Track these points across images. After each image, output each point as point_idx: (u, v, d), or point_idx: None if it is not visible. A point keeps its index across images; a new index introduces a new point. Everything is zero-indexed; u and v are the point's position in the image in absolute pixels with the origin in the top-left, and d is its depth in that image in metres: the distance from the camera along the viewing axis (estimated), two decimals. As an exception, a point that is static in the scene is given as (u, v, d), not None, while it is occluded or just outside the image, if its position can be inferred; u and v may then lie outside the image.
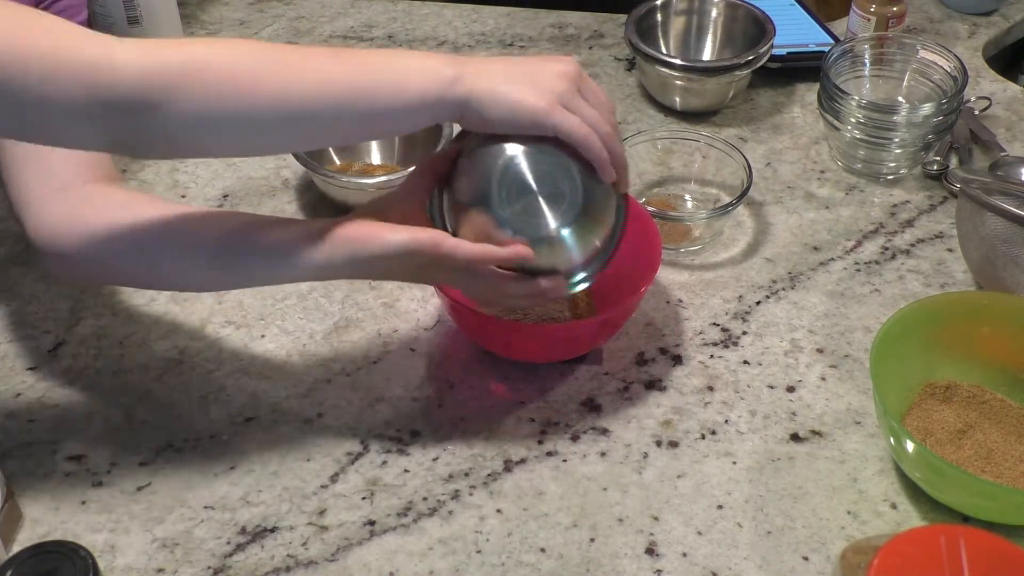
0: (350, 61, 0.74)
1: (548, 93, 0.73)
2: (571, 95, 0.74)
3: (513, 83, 0.73)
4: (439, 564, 0.78)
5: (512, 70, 0.74)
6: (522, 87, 0.73)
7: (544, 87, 0.73)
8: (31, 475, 0.83)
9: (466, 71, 0.73)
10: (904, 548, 0.66)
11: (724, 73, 1.14)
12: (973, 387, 0.86)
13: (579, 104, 0.74)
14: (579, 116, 0.74)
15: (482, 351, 0.92)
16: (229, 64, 0.71)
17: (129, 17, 1.11)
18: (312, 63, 0.73)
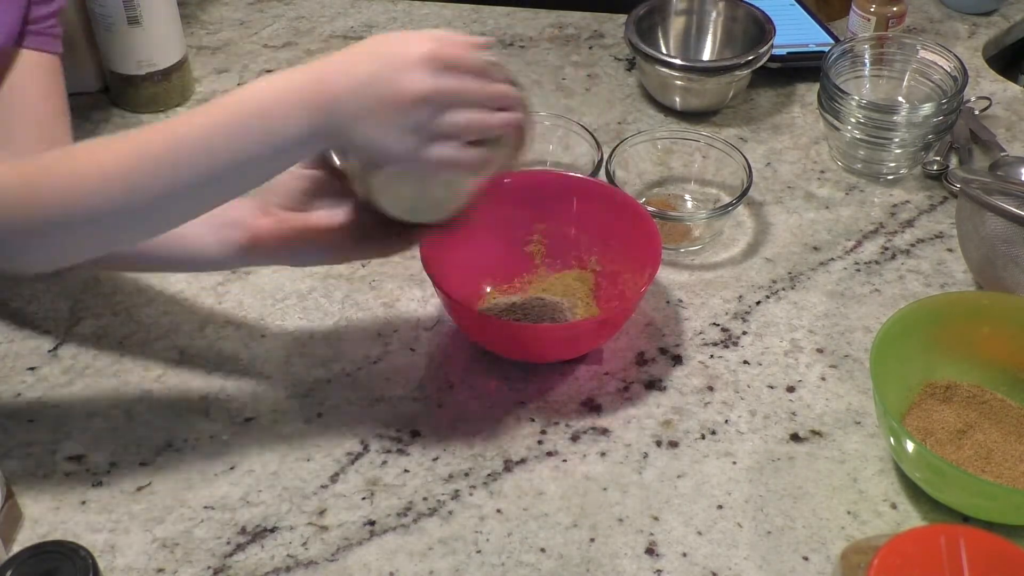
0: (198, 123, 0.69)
1: (409, 135, 0.68)
2: (434, 119, 0.68)
3: (374, 123, 0.68)
4: (439, 564, 0.78)
5: (368, 98, 0.67)
6: (383, 129, 0.68)
7: (404, 124, 0.67)
8: (31, 475, 0.83)
9: (325, 105, 0.67)
10: (904, 548, 0.66)
11: (724, 73, 1.14)
12: (973, 387, 0.86)
13: (448, 121, 0.68)
14: (453, 130, 0.68)
15: (482, 351, 0.92)
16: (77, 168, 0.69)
17: (129, 17, 1.11)
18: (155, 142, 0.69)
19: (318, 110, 0.68)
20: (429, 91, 0.67)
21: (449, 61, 0.68)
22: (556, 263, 0.98)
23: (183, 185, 0.69)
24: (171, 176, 0.68)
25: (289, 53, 1.27)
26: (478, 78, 0.70)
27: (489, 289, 0.96)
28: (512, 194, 0.96)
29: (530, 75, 1.24)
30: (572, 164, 1.08)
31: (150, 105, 1.18)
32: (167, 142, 0.68)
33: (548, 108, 1.18)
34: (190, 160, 0.68)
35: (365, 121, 0.68)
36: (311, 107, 0.68)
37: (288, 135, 0.68)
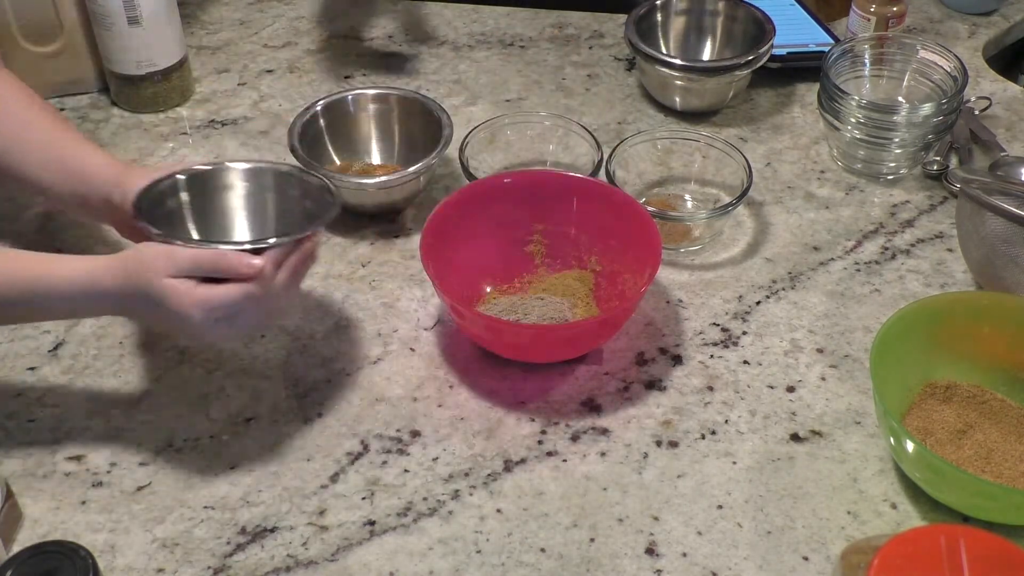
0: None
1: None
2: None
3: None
4: (439, 564, 0.78)
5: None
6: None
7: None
8: (31, 475, 0.83)
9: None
10: (904, 548, 0.66)
11: (724, 73, 1.14)
12: (973, 387, 0.86)
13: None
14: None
15: (482, 351, 0.92)
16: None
17: (129, 17, 1.11)
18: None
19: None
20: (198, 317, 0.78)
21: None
22: (556, 263, 0.98)
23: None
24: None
25: (289, 53, 1.27)
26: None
27: (489, 289, 0.96)
28: (512, 194, 0.96)
29: (530, 75, 1.24)
30: (572, 164, 1.08)
31: (150, 105, 1.18)
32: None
33: (548, 108, 1.18)
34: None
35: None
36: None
37: (92, 311, 0.85)
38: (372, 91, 1.10)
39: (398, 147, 1.10)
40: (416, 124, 1.08)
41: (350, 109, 1.09)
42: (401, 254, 1.02)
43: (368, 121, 1.09)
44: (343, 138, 1.09)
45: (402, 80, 1.23)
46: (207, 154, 1.13)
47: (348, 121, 1.09)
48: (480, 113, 1.17)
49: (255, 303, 0.78)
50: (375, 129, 1.10)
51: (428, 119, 1.06)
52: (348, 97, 1.09)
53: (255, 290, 0.77)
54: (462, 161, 1.04)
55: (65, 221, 1.05)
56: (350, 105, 1.09)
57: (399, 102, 1.09)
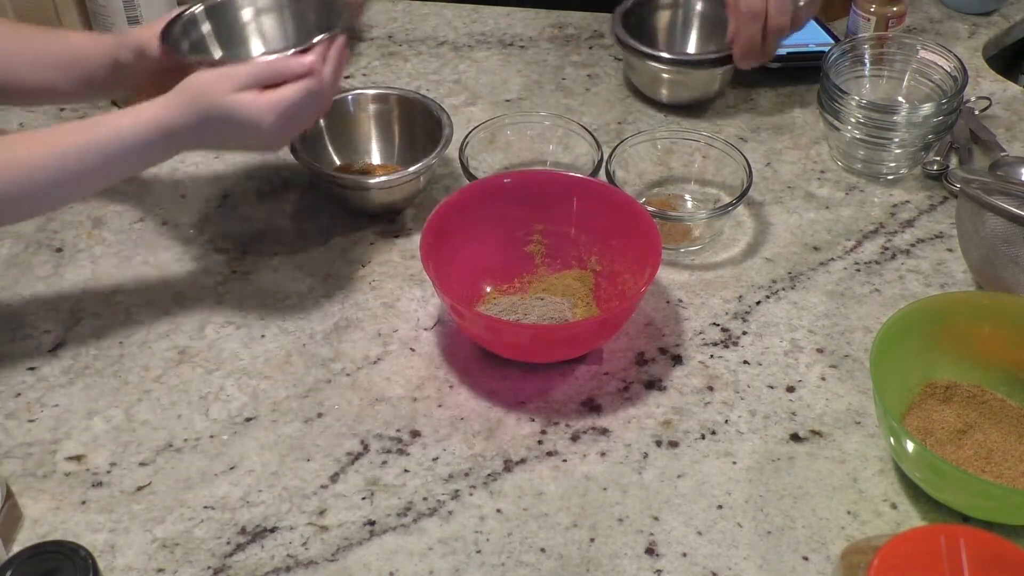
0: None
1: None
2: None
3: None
4: (439, 564, 0.78)
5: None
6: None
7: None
8: (31, 475, 0.83)
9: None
10: (904, 548, 0.66)
11: (709, 66, 1.14)
12: (973, 387, 0.86)
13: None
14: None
15: (482, 351, 0.92)
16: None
17: (129, 17, 1.11)
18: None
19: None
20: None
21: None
22: (556, 263, 0.98)
23: (88, 187, 0.89)
24: (39, 199, 0.85)
25: (289, 53, 1.27)
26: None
27: (489, 289, 0.96)
28: (512, 194, 0.96)
29: (530, 75, 1.24)
30: (572, 164, 1.08)
31: None
32: (45, 167, 0.82)
33: (548, 108, 1.18)
34: (62, 187, 0.85)
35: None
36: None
37: (156, 159, 0.89)
38: (372, 91, 1.10)
39: (398, 147, 1.10)
40: (416, 124, 1.08)
41: (350, 109, 1.09)
42: (401, 254, 1.02)
43: (368, 121, 1.09)
44: (343, 138, 1.09)
45: (402, 80, 1.23)
46: (207, 154, 1.13)
47: (348, 121, 1.09)
48: (480, 113, 1.17)
49: (313, 97, 0.86)
50: (375, 129, 1.10)
51: (428, 119, 1.06)
52: (348, 97, 1.09)
53: (313, 84, 0.85)
54: (462, 161, 1.04)
55: (65, 221, 1.05)
56: (350, 105, 1.09)
57: (399, 102, 1.09)
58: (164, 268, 1.00)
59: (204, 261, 1.01)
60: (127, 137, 0.83)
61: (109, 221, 1.05)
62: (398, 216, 1.06)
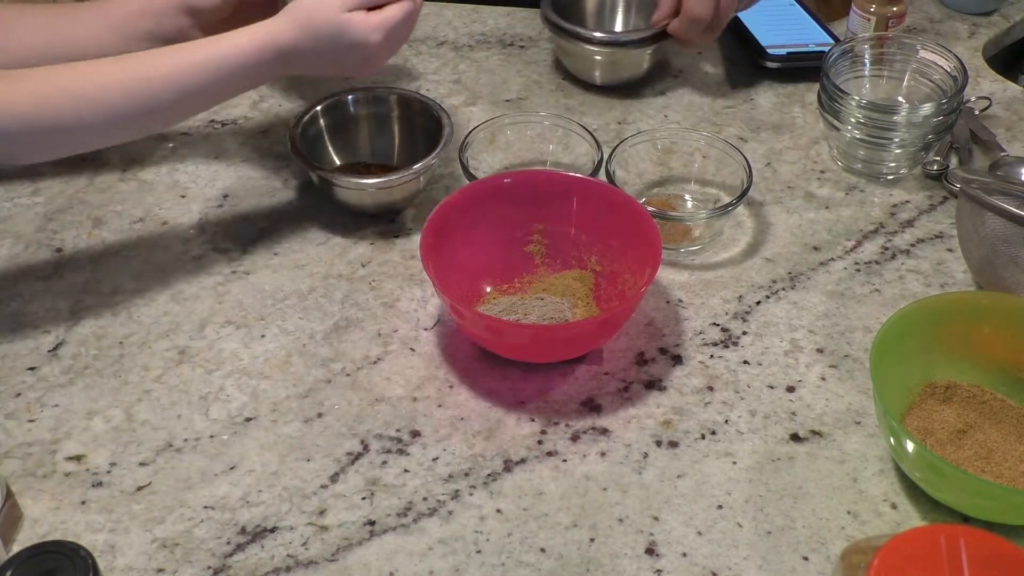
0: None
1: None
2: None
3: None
4: (439, 564, 0.78)
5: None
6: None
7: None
8: (31, 475, 0.83)
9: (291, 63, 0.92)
10: (904, 548, 0.66)
11: (650, 43, 1.15)
12: (973, 387, 0.86)
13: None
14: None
15: (482, 351, 0.92)
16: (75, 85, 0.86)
17: None
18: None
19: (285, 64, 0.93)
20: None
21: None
22: (556, 263, 0.98)
23: (173, 115, 0.93)
24: (163, 114, 0.91)
25: (289, 53, 1.27)
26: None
27: (489, 289, 0.96)
28: (512, 194, 0.96)
29: (530, 75, 1.24)
30: (572, 164, 1.08)
31: None
32: (167, 83, 0.88)
33: (548, 108, 1.18)
34: (183, 102, 0.90)
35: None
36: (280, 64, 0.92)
37: (262, 80, 0.94)
38: (372, 91, 1.10)
39: (398, 147, 1.10)
40: (415, 124, 1.08)
41: (350, 110, 1.09)
42: (401, 254, 1.02)
43: (368, 121, 1.09)
44: (343, 139, 1.09)
45: (402, 80, 1.23)
46: (207, 154, 1.13)
47: (348, 122, 1.09)
48: (480, 113, 1.17)
49: (412, 16, 0.93)
50: (375, 129, 1.10)
51: (428, 119, 1.06)
52: (348, 98, 1.08)
53: (414, 4, 0.93)
54: (462, 161, 1.04)
55: (65, 221, 1.05)
56: (350, 106, 1.09)
57: (399, 102, 1.09)
58: (164, 268, 1.00)
59: (204, 261, 1.01)
60: (247, 55, 0.88)
61: (109, 221, 1.05)
62: (398, 216, 1.06)
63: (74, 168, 1.10)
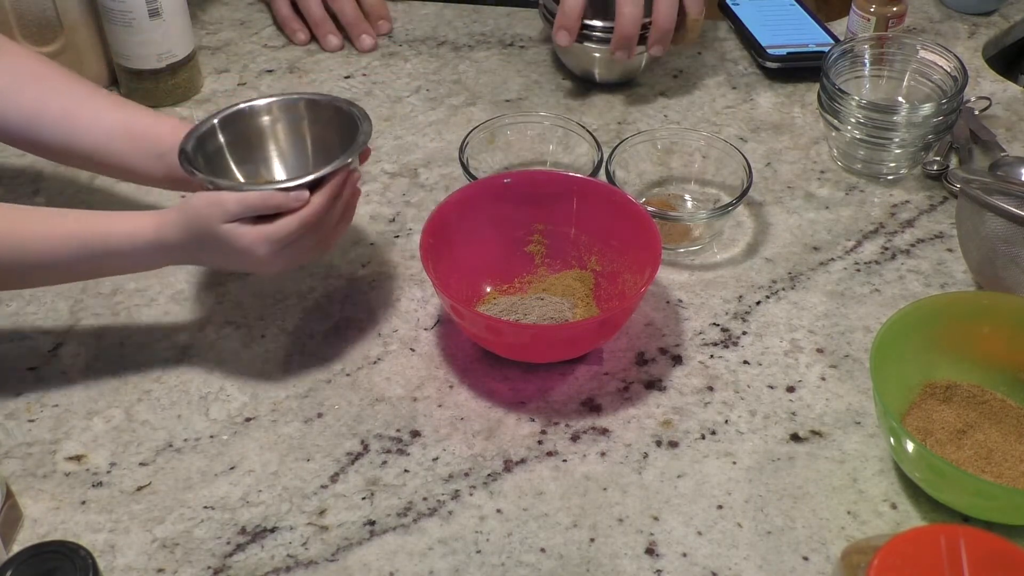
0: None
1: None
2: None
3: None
4: (439, 564, 0.78)
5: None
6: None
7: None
8: (31, 475, 0.83)
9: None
10: (904, 548, 0.66)
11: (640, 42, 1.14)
12: (973, 387, 0.86)
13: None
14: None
15: (482, 351, 0.92)
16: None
17: (150, 10, 1.11)
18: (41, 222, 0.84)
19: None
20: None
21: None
22: (556, 263, 0.98)
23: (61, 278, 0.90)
24: (25, 276, 0.86)
25: (289, 53, 1.27)
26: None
27: (489, 289, 0.96)
28: (512, 194, 0.96)
29: (530, 75, 1.24)
30: (572, 164, 1.08)
31: (169, 98, 1.18)
32: (36, 245, 0.83)
33: (548, 108, 1.18)
34: (48, 270, 0.85)
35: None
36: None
37: (149, 267, 0.88)
38: (276, 99, 0.94)
39: (312, 158, 0.94)
40: (330, 130, 0.92)
41: (251, 121, 0.94)
42: (401, 254, 1.02)
43: (275, 133, 0.95)
44: (246, 154, 0.94)
45: (402, 80, 1.23)
46: (207, 154, 1.13)
47: (251, 135, 0.94)
48: (480, 113, 1.18)
49: (310, 233, 0.84)
50: (284, 141, 0.95)
51: (343, 122, 0.91)
52: (246, 109, 0.93)
53: (309, 219, 0.83)
54: (462, 161, 1.04)
55: (65, 221, 1.05)
56: (250, 117, 0.93)
57: (308, 107, 0.94)
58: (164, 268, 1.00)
59: (204, 261, 1.01)
60: (127, 241, 0.83)
61: (109, 221, 1.05)
62: (397, 216, 1.06)
63: (75, 168, 1.09)
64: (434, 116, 1.18)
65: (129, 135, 0.92)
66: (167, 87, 1.17)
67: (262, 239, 0.82)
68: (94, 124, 0.92)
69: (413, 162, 1.12)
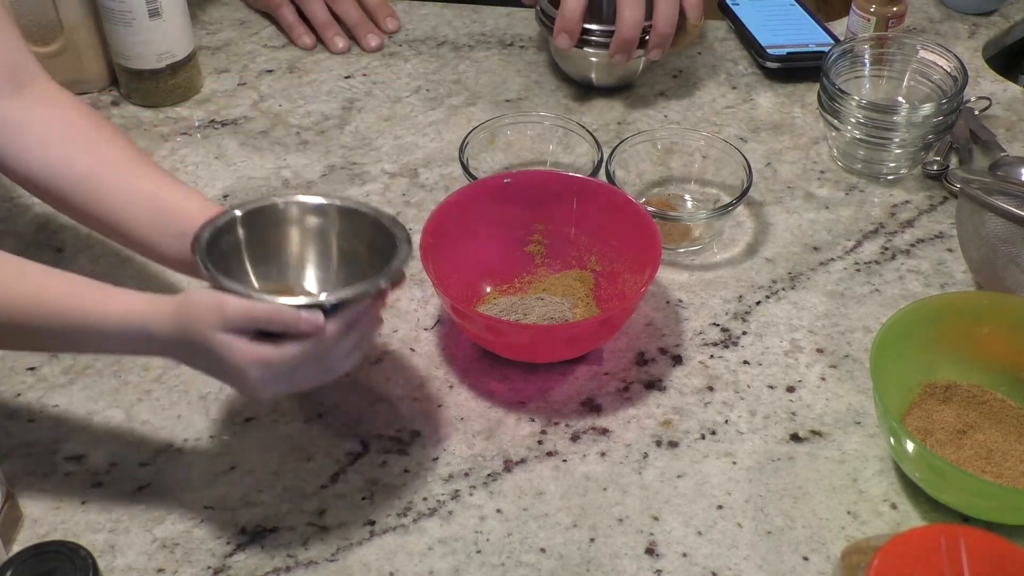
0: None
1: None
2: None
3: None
4: (439, 564, 0.78)
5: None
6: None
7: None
8: (31, 475, 0.83)
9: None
10: (904, 548, 0.66)
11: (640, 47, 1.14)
12: (973, 387, 0.86)
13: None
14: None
15: (482, 351, 0.92)
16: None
17: (150, 10, 1.11)
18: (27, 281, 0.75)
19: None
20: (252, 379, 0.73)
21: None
22: (556, 263, 0.98)
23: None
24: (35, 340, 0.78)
25: (289, 53, 1.27)
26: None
27: (489, 289, 0.96)
28: (512, 194, 0.96)
29: (530, 75, 1.24)
30: (572, 164, 1.08)
31: (169, 98, 1.18)
32: (19, 308, 0.74)
33: (548, 108, 1.18)
34: (27, 336, 0.76)
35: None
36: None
37: (134, 352, 0.82)
38: (309, 200, 0.82)
39: (336, 273, 0.83)
40: (363, 245, 0.82)
41: (277, 220, 0.82)
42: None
43: (300, 237, 0.83)
44: (265, 254, 0.82)
45: (402, 80, 1.23)
46: (207, 154, 1.13)
47: (274, 235, 0.82)
48: (480, 113, 1.17)
49: (313, 364, 0.73)
50: (309, 248, 0.83)
51: (378, 238, 0.80)
52: (274, 205, 0.82)
53: (314, 348, 0.72)
54: (462, 161, 1.04)
55: (65, 221, 1.04)
56: (277, 215, 0.82)
57: (342, 215, 0.82)
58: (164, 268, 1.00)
59: (204, 261, 1.01)
60: (105, 321, 0.73)
61: (109, 221, 1.05)
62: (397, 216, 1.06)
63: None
64: (434, 116, 1.18)
65: (153, 206, 0.82)
66: (167, 87, 1.18)
67: (258, 361, 0.71)
68: (119, 188, 0.83)
69: (413, 162, 1.12)
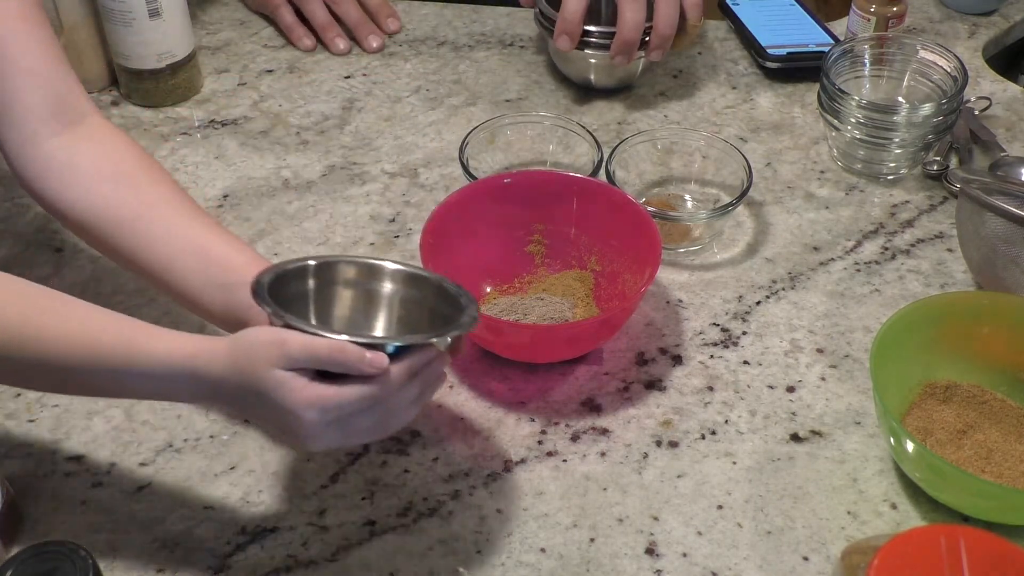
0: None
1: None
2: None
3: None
4: (439, 564, 0.78)
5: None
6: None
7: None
8: (31, 475, 0.83)
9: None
10: (904, 548, 0.66)
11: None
12: (973, 387, 0.86)
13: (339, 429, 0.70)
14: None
15: (482, 351, 0.92)
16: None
17: (150, 10, 1.11)
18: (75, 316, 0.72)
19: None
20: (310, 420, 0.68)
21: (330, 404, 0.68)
22: (556, 263, 0.98)
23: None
24: (39, 377, 0.74)
25: (289, 53, 1.27)
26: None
27: (489, 289, 0.96)
28: (512, 194, 0.96)
29: (530, 75, 1.24)
30: (572, 164, 1.08)
31: (169, 98, 1.18)
32: (57, 346, 0.70)
33: (548, 108, 1.18)
34: (62, 376, 0.72)
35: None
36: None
37: (177, 397, 0.77)
38: (374, 263, 0.80)
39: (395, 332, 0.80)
40: (424, 311, 0.79)
41: (339, 278, 0.79)
42: (401, 254, 1.02)
43: (361, 297, 0.80)
44: (322, 311, 0.79)
45: (402, 80, 1.23)
46: (206, 154, 1.13)
47: (333, 293, 0.79)
48: (480, 113, 1.17)
49: (373, 411, 0.68)
50: (367, 310, 0.80)
51: (441, 304, 0.78)
52: (337, 264, 0.79)
53: (377, 392, 0.67)
54: (462, 161, 1.04)
55: (65, 221, 1.05)
56: (338, 272, 0.79)
57: (407, 280, 0.80)
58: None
59: (204, 261, 1.01)
60: (151, 361, 0.69)
61: (109, 221, 1.05)
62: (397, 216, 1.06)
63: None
64: (434, 116, 1.18)
65: (200, 255, 0.79)
66: (167, 87, 1.18)
67: (315, 402, 0.66)
68: (167, 236, 0.80)
69: (413, 162, 1.12)
